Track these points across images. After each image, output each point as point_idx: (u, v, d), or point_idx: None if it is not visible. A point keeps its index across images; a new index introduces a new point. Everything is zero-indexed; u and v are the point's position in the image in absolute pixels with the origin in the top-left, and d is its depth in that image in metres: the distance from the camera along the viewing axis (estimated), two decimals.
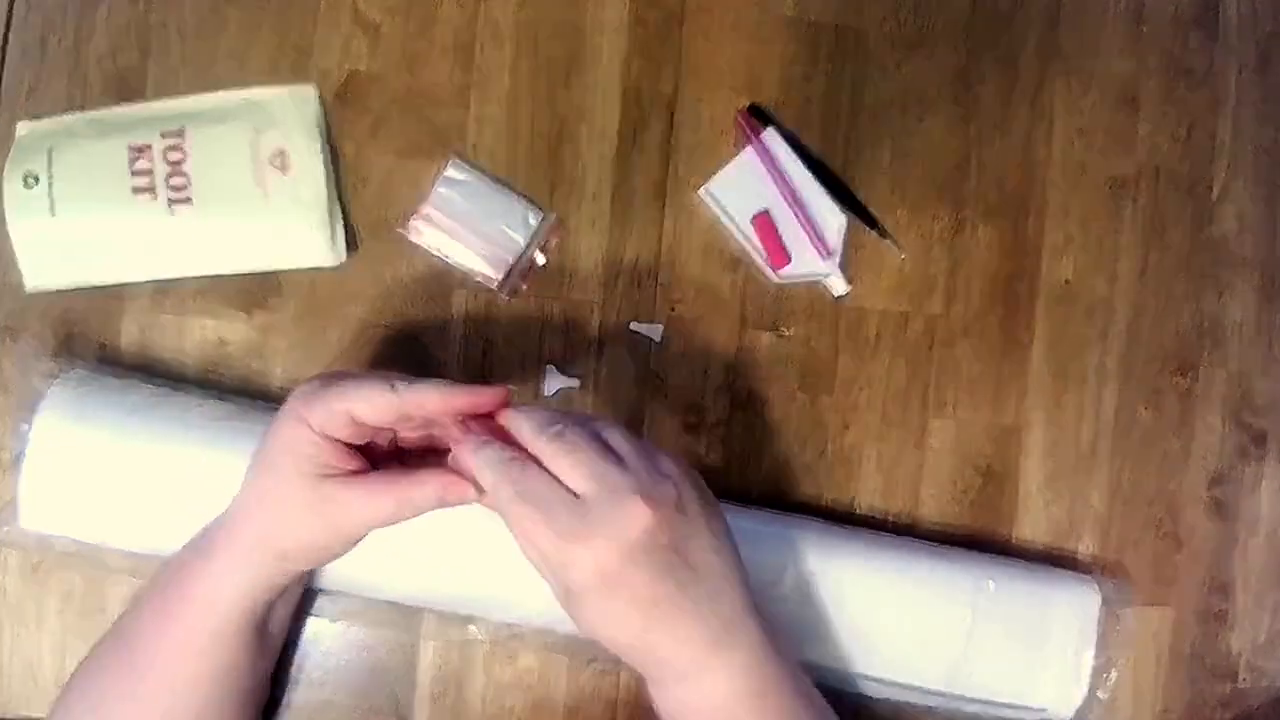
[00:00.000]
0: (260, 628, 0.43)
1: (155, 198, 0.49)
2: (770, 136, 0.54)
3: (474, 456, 0.38)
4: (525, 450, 0.38)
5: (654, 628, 0.37)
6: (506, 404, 0.39)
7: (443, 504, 0.39)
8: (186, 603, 0.42)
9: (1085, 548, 0.58)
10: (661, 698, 0.40)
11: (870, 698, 0.53)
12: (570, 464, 0.37)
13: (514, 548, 0.46)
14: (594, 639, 0.38)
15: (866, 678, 0.50)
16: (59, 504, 0.46)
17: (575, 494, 0.37)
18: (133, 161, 0.49)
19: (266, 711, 0.49)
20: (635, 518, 0.36)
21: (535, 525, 0.36)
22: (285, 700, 0.50)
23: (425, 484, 0.39)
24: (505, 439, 0.39)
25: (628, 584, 0.36)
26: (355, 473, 0.39)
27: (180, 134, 0.50)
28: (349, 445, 0.39)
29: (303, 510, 0.39)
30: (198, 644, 0.42)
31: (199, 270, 0.51)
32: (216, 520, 0.42)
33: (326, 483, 0.38)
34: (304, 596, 0.49)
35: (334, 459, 0.39)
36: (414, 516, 0.39)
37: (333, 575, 0.48)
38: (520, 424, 0.39)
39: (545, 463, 0.37)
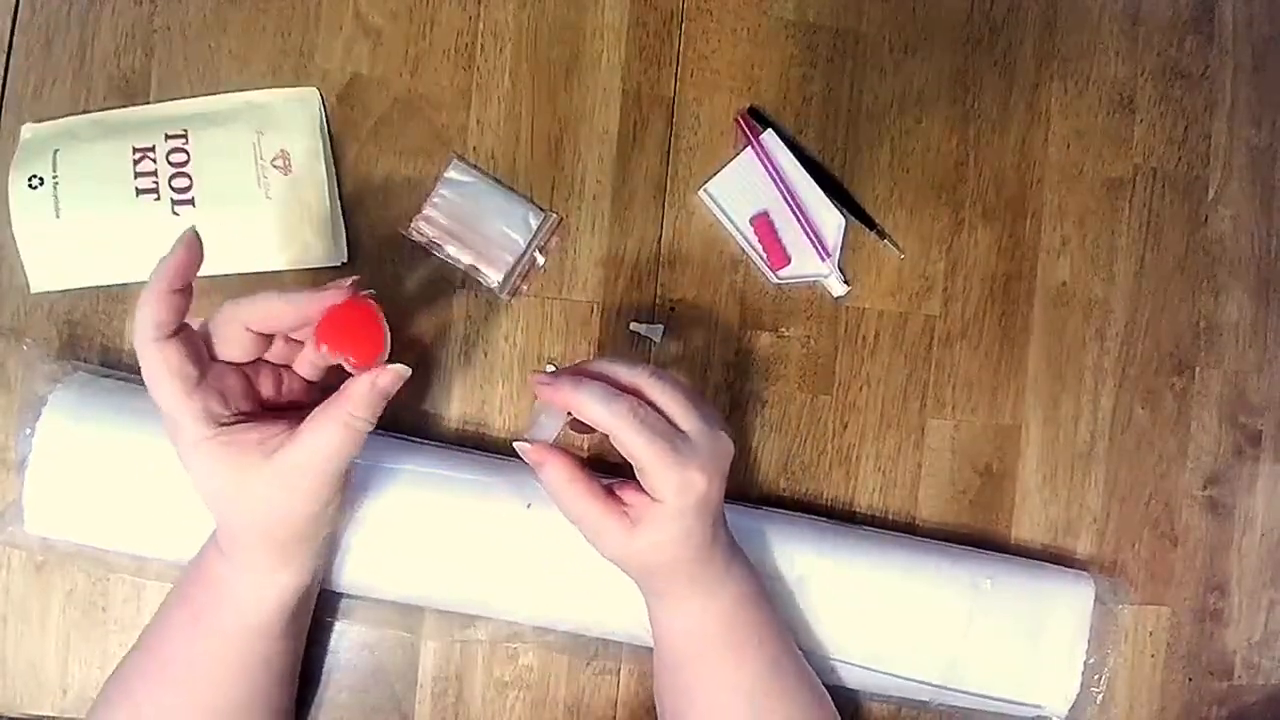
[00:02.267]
0: (293, 625, 0.44)
1: (159, 199, 0.49)
2: (770, 138, 0.55)
3: (577, 392, 0.40)
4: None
5: (711, 544, 0.42)
6: (354, 294, 0.39)
7: (381, 394, 0.38)
8: (209, 617, 0.42)
9: (1082, 547, 0.58)
10: (670, 618, 0.45)
11: (868, 694, 0.53)
12: (672, 401, 0.41)
13: (515, 550, 0.47)
14: (646, 558, 0.42)
15: (865, 671, 0.50)
16: (63, 508, 0.46)
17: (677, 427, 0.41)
18: (136, 163, 0.49)
19: None
20: (728, 451, 0.42)
21: (660, 452, 0.39)
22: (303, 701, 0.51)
23: (355, 388, 0.38)
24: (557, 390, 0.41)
25: (713, 504, 0.41)
26: (289, 428, 0.39)
27: (184, 136, 0.50)
28: (253, 412, 0.39)
29: (273, 492, 0.38)
30: (226, 651, 0.42)
31: (202, 271, 0.50)
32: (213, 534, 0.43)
33: (276, 455, 0.38)
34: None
35: (259, 433, 0.38)
36: (366, 427, 0.38)
37: (335, 575, 0.48)
38: (615, 367, 0.42)
39: (648, 397, 0.41)
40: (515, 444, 0.41)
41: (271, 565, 0.41)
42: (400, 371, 0.39)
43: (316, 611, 0.50)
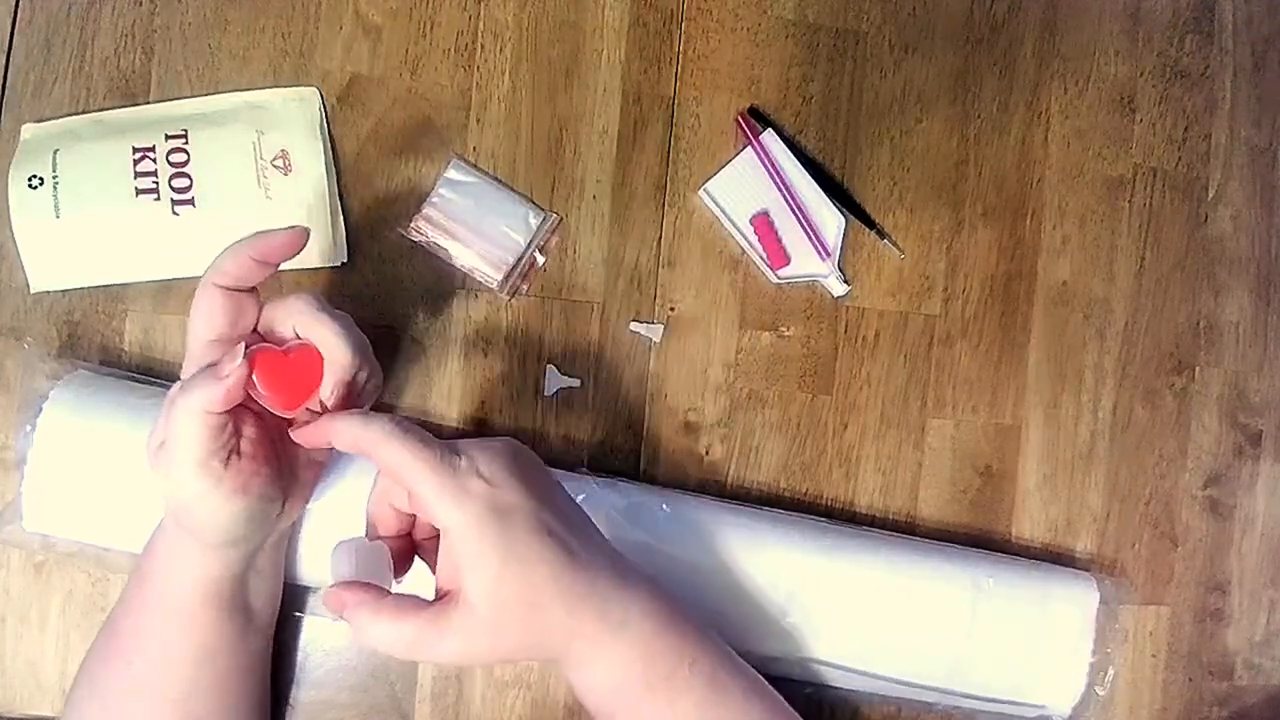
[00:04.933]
0: (234, 604, 0.43)
1: (159, 199, 0.49)
2: (770, 138, 0.55)
3: (334, 422, 0.38)
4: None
5: (571, 564, 0.37)
6: (302, 242, 0.40)
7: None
8: (151, 587, 0.42)
9: (1083, 547, 0.58)
10: (589, 675, 0.40)
11: (870, 695, 0.53)
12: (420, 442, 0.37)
13: None
14: (509, 619, 0.37)
15: (866, 675, 0.50)
16: (63, 506, 0.46)
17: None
18: (136, 163, 0.49)
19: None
20: (508, 449, 0.39)
21: (433, 459, 0.36)
22: (287, 700, 0.51)
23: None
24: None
25: (520, 511, 0.37)
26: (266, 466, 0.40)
27: (183, 136, 0.50)
28: (255, 446, 0.39)
29: (159, 468, 0.38)
30: (169, 626, 0.42)
31: (202, 270, 0.51)
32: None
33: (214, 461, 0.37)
34: (304, 596, 0.50)
35: (226, 435, 0.38)
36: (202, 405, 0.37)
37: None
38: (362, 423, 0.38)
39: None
40: (322, 600, 0.38)
41: (186, 543, 0.40)
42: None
43: (317, 611, 0.50)
